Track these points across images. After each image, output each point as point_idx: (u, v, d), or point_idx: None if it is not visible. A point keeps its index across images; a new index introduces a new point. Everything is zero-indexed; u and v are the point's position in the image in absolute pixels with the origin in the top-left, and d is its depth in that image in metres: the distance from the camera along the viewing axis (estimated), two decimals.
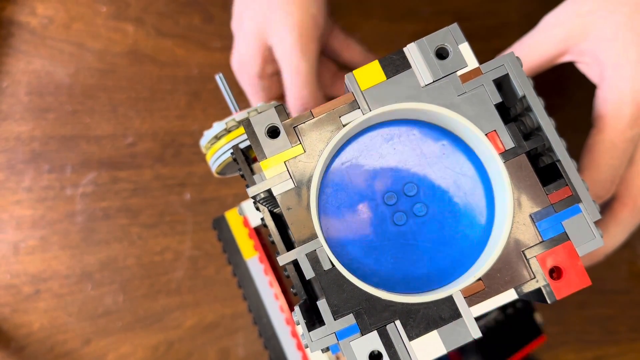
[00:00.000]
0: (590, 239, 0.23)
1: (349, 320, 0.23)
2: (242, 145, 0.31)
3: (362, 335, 0.23)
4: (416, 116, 0.24)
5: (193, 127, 0.45)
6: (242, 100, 0.44)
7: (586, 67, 0.34)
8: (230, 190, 0.43)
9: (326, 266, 0.23)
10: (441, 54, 0.24)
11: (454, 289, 0.22)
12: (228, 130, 0.31)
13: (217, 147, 0.32)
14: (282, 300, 0.34)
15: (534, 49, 0.34)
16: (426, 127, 0.24)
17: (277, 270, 0.35)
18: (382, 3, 0.47)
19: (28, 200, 0.44)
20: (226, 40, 0.46)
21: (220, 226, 0.35)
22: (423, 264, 0.23)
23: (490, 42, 0.33)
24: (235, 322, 0.44)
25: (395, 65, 0.24)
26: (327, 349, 0.29)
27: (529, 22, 0.35)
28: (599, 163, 0.32)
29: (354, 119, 0.24)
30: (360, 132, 0.24)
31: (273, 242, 0.28)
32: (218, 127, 0.31)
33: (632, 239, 0.42)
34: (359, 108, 0.24)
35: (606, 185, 0.32)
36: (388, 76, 0.24)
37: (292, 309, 0.34)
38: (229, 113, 0.45)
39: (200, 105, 0.45)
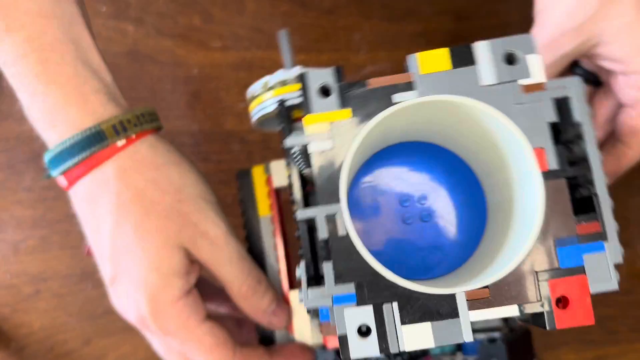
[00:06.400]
0: (606, 280, 0.23)
1: (349, 288, 0.23)
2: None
3: (358, 306, 0.22)
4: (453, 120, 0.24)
5: (193, 127, 0.44)
6: None
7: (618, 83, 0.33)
8: (230, 190, 0.42)
9: (341, 232, 0.23)
10: (510, 59, 0.24)
11: (459, 289, 0.22)
12: (270, 88, 0.31)
13: (261, 99, 0.32)
14: (283, 266, 0.34)
15: (553, 48, 0.32)
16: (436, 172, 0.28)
17: (285, 235, 0.35)
18: (382, 3, 0.46)
19: (28, 200, 0.43)
20: (226, 40, 0.45)
21: (243, 178, 0.35)
22: (414, 258, 0.27)
23: None
24: None
25: (465, 57, 0.24)
26: (315, 315, 0.29)
27: (529, 22, 0.34)
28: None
29: (404, 100, 0.24)
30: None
31: (292, 202, 0.28)
32: (257, 85, 0.31)
33: (632, 238, 0.42)
34: (413, 90, 0.24)
35: None
36: (455, 66, 0.24)
37: (290, 277, 0.34)
38: (229, 114, 0.45)
39: (200, 105, 0.45)
